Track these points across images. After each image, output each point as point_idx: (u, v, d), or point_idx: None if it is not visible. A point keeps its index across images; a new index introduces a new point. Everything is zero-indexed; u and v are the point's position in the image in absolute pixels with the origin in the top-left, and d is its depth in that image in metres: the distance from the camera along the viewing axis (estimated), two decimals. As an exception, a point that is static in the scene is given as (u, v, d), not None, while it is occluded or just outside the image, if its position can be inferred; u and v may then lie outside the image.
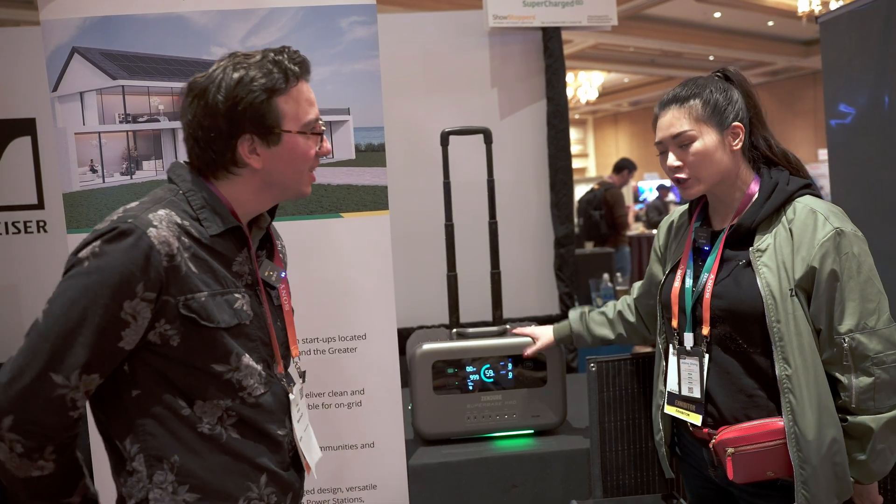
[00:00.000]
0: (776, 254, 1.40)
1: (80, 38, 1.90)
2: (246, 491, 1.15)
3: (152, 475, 1.10)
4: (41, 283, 2.78)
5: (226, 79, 1.13)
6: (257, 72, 1.13)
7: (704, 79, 1.51)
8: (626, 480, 1.94)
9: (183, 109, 1.16)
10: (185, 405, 1.11)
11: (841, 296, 1.36)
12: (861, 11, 2.59)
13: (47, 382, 1.02)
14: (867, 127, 2.64)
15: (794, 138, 14.26)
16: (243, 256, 1.20)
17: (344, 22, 1.98)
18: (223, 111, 1.12)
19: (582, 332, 1.96)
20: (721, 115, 1.46)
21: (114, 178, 1.94)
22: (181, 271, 1.09)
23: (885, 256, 2.61)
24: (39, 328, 1.03)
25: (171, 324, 1.09)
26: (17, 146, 2.78)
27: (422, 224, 2.85)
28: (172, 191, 1.16)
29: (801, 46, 12.60)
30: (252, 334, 1.18)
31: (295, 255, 2.00)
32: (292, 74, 1.16)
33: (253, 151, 1.16)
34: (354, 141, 2.01)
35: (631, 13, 9.70)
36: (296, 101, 1.17)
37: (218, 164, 1.16)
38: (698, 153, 1.45)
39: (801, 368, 1.37)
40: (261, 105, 1.13)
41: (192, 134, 1.15)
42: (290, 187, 1.22)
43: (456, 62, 2.98)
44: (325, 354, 2.01)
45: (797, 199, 1.44)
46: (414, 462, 2.07)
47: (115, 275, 1.04)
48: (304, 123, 1.18)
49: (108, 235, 1.06)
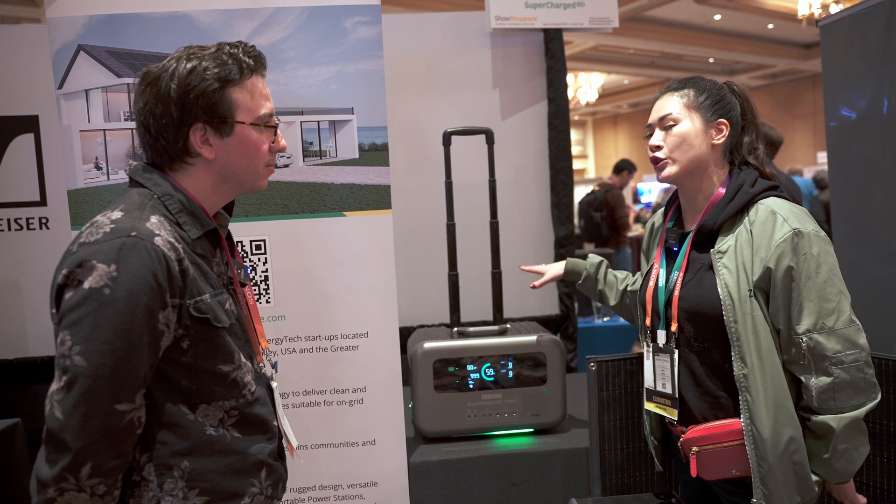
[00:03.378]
0: (736, 255, 1.43)
1: (85, 36, 1.91)
2: (250, 487, 1.17)
3: (163, 483, 1.10)
4: (43, 279, 2.79)
5: (179, 68, 1.13)
6: (211, 62, 1.14)
7: (709, 79, 1.57)
8: (625, 479, 1.95)
9: (135, 98, 1.16)
10: (188, 411, 1.12)
11: (798, 296, 1.38)
12: (861, 15, 2.61)
13: (115, 415, 1.02)
14: (867, 130, 2.66)
15: (793, 141, 14.29)
16: (218, 257, 1.22)
17: (348, 22, 1.99)
18: (175, 99, 1.12)
19: (593, 278, 1.93)
20: (710, 107, 1.51)
21: (118, 176, 1.95)
22: (189, 275, 1.11)
23: (884, 258, 2.63)
24: (84, 369, 1.00)
25: (183, 327, 1.10)
26: (19, 143, 2.79)
27: (424, 223, 2.86)
28: (147, 195, 1.15)
29: (801, 49, 12.62)
30: (238, 333, 1.20)
31: (297, 253, 2.01)
32: (247, 67, 1.17)
33: (206, 141, 1.16)
34: (358, 140, 2.02)
35: (631, 15, 9.72)
36: (250, 93, 1.18)
37: (171, 153, 1.16)
38: (679, 135, 1.50)
39: (758, 368, 1.40)
40: (213, 94, 1.14)
41: (144, 122, 1.15)
42: (245, 180, 1.22)
43: (458, 63, 2.99)
44: (327, 352, 2.02)
45: (761, 200, 1.47)
46: (414, 460, 2.08)
47: (145, 291, 1.03)
48: (258, 116, 1.19)
49: (116, 255, 1.03)
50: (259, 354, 1.27)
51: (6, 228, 2.77)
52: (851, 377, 1.36)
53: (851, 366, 1.36)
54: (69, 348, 1.01)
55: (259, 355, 1.27)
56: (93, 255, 1.03)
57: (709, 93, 1.52)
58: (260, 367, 1.26)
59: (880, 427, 1.73)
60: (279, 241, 1.99)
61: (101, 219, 1.09)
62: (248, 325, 1.26)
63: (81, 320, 1.01)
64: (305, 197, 2.00)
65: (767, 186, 1.48)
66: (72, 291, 1.03)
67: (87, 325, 1.01)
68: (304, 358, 2.00)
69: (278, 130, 1.23)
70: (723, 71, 14.06)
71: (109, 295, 1.01)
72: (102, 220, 1.09)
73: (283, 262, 1.99)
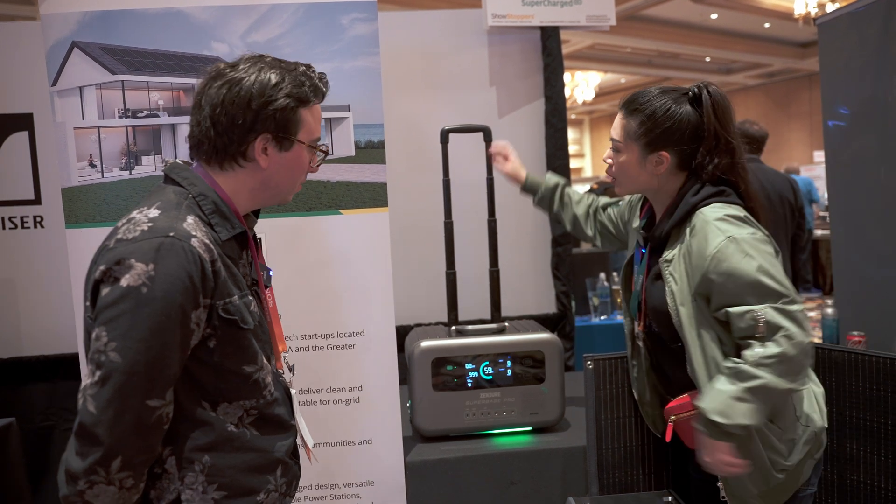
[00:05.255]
0: (680, 263, 1.50)
1: (79, 33, 1.89)
2: (266, 484, 1.20)
3: (184, 477, 1.12)
4: (38, 278, 2.80)
5: (262, 76, 1.17)
6: (291, 80, 1.18)
7: (664, 95, 1.54)
8: (623, 477, 1.95)
9: (207, 94, 1.17)
10: (210, 408, 1.14)
11: (741, 299, 1.39)
12: (859, 13, 2.60)
13: (146, 411, 1.04)
14: (864, 128, 2.66)
15: (789, 140, 14.31)
16: (244, 259, 1.24)
17: (345, 18, 1.98)
18: (255, 106, 1.15)
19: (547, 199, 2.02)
20: (650, 139, 1.52)
21: (113, 174, 1.94)
22: (221, 276, 1.12)
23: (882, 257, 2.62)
24: (119, 365, 1.02)
25: (211, 327, 1.12)
26: (14, 141, 2.77)
27: (421, 221, 2.85)
28: (182, 194, 1.17)
29: (798, 48, 12.64)
30: (261, 334, 1.22)
31: (294, 251, 2.00)
32: (320, 93, 1.23)
33: (264, 151, 1.19)
34: (354, 138, 2.01)
35: (628, 14, 9.72)
36: (314, 116, 1.24)
37: (228, 152, 1.18)
38: (618, 164, 1.58)
39: (702, 367, 1.47)
40: (289, 111, 1.18)
41: (215, 117, 1.16)
42: (281, 192, 1.26)
43: (455, 60, 2.98)
44: (324, 351, 2.01)
45: (702, 208, 1.49)
46: (412, 459, 2.07)
47: (180, 291, 1.05)
48: (314, 139, 1.25)
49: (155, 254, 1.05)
50: (279, 359, 1.30)
51: (1, 227, 2.75)
52: (796, 353, 1.36)
53: (798, 344, 1.36)
54: (105, 344, 1.03)
55: (279, 360, 1.30)
56: (131, 253, 1.05)
57: (651, 123, 1.51)
58: (279, 372, 1.29)
59: (879, 426, 1.73)
60: (275, 240, 1.98)
61: (138, 216, 1.11)
62: (269, 327, 1.28)
63: (119, 317, 1.03)
64: (301, 195, 1.99)
65: (711, 193, 1.50)
66: (109, 288, 1.05)
67: (125, 322, 1.03)
68: (300, 357, 1.99)
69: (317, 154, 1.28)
70: (719, 70, 14.08)
71: (147, 294, 1.03)
72: (140, 218, 1.10)
73: (279, 261, 1.98)
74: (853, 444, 1.78)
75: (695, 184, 1.52)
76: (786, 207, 3.46)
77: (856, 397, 1.77)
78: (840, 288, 2.85)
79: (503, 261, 2.38)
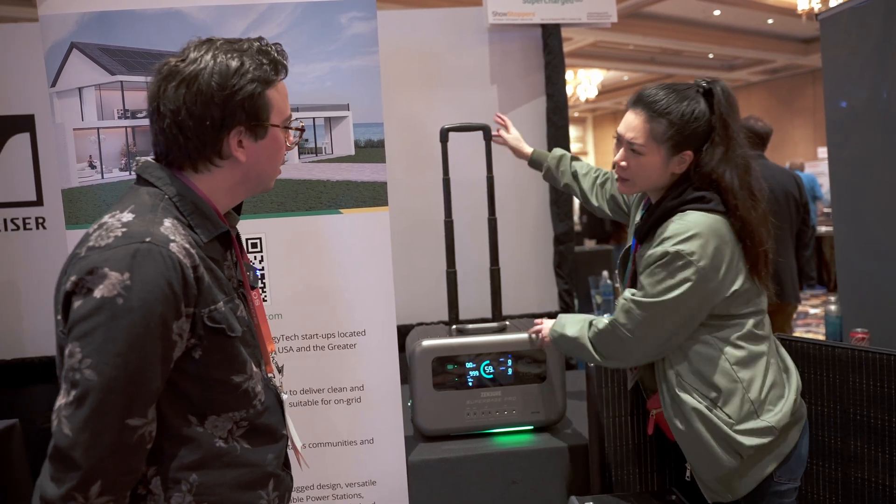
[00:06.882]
0: None
1: (78, 34, 1.89)
2: (258, 499, 1.14)
3: (170, 498, 1.05)
4: (40, 279, 2.81)
5: (219, 66, 1.07)
6: (251, 61, 1.09)
7: (685, 92, 1.54)
8: (625, 476, 1.94)
9: (164, 98, 1.07)
10: (197, 423, 1.07)
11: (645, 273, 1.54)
12: (861, 9, 2.59)
13: (127, 431, 0.96)
14: (867, 124, 2.64)
15: (793, 137, 14.27)
16: (229, 260, 1.17)
17: (343, 17, 1.97)
18: (219, 100, 1.06)
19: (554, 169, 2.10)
20: (677, 140, 1.52)
21: (112, 174, 1.94)
22: (204, 282, 1.05)
23: (884, 254, 2.61)
24: (95, 384, 0.94)
25: (196, 337, 1.05)
26: (15, 143, 2.78)
27: (421, 220, 2.84)
28: (157, 195, 1.09)
29: (801, 44, 12.59)
30: (249, 340, 1.15)
31: (294, 251, 2.00)
32: (282, 67, 1.13)
33: (239, 144, 1.11)
34: (354, 137, 2.01)
35: (630, 11, 9.69)
36: (281, 94, 1.14)
37: (202, 155, 1.10)
38: (641, 165, 1.57)
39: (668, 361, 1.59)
40: (258, 97, 1.09)
41: (180, 122, 1.07)
42: (264, 181, 1.18)
43: (456, 59, 2.97)
44: (325, 351, 2.00)
45: (679, 214, 1.52)
46: (413, 458, 2.07)
47: (160, 301, 0.97)
48: (286, 118, 1.16)
49: (130, 262, 0.97)
50: (268, 363, 1.23)
51: (3, 228, 2.76)
52: (612, 339, 1.58)
53: (618, 335, 1.56)
54: (79, 361, 0.94)
55: (269, 364, 1.23)
56: (104, 261, 0.97)
57: (681, 125, 1.51)
58: (269, 377, 1.22)
59: (883, 423, 1.72)
60: (275, 239, 1.97)
61: (111, 220, 1.02)
62: (256, 329, 1.21)
63: (93, 331, 0.95)
64: (301, 194, 1.99)
65: (688, 200, 1.52)
66: (81, 300, 0.96)
67: (99, 336, 0.94)
68: (301, 357, 1.99)
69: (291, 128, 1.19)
70: (722, 66, 14.03)
71: (123, 305, 0.95)
72: (112, 223, 1.02)
73: (279, 261, 1.98)
74: (857, 441, 1.77)
75: (679, 185, 1.55)
76: (790, 204, 3.44)
77: (859, 394, 1.76)
78: (844, 285, 2.84)
79: (504, 259, 2.38)
